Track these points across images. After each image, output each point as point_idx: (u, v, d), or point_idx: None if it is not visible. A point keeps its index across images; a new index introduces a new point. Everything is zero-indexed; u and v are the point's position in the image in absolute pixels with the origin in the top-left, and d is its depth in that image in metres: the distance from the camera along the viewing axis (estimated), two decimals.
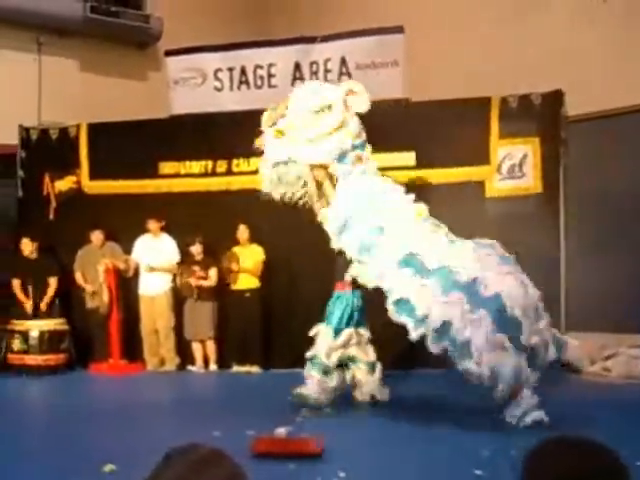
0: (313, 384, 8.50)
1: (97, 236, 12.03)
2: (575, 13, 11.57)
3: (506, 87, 11.24)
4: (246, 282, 11.55)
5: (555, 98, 11.18)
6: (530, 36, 11.69)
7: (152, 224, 11.93)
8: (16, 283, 11.91)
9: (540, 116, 11.27)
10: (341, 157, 8.26)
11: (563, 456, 1.72)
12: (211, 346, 11.69)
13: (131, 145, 12.07)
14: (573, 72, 11.00)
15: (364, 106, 8.37)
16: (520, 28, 11.78)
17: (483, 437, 7.09)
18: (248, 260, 11.52)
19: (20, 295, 11.87)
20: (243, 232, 11.56)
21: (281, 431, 7.02)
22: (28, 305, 11.79)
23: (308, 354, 8.63)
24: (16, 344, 11.43)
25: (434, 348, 7.46)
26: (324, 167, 8.37)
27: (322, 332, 8.61)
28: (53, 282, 11.95)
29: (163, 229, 12.01)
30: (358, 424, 7.94)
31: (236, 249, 11.62)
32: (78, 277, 12.08)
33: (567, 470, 1.68)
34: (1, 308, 12.22)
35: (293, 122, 8.44)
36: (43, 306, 11.81)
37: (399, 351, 9.61)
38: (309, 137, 8.31)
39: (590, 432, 1.81)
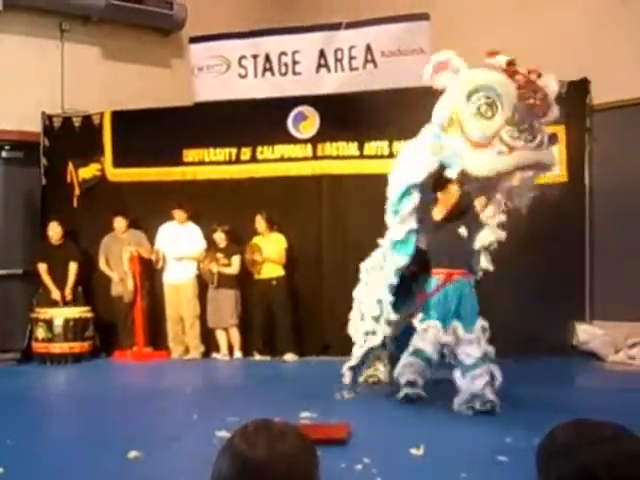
0: None
1: (119, 222, 11.99)
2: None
3: None
4: (271, 271, 11.49)
5: (581, 86, 11.11)
6: (556, 24, 11.55)
7: (178, 213, 11.92)
8: (42, 268, 11.87)
9: (566, 104, 11.13)
10: None
11: (581, 438, 1.69)
12: (235, 334, 11.66)
13: (155, 133, 12.03)
14: (599, 60, 10.88)
15: None
16: (546, 15, 11.64)
17: (506, 424, 7.07)
18: (271, 249, 11.48)
19: (47, 280, 11.85)
20: (259, 222, 11.53)
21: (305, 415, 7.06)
22: (54, 291, 11.78)
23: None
24: (40, 332, 11.38)
25: None
26: None
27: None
28: (73, 267, 11.94)
29: (189, 217, 11.98)
30: (385, 410, 7.93)
31: (257, 239, 11.60)
32: (102, 265, 12.08)
33: (583, 449, 1.65)
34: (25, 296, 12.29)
35: None
36: (67, 293, 11.83)
37: None
38: None
39: (611, 419, 1.76)
